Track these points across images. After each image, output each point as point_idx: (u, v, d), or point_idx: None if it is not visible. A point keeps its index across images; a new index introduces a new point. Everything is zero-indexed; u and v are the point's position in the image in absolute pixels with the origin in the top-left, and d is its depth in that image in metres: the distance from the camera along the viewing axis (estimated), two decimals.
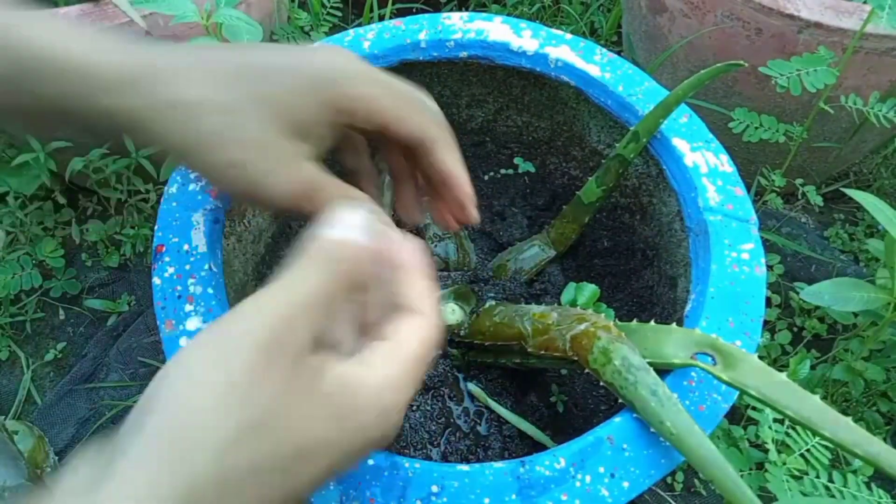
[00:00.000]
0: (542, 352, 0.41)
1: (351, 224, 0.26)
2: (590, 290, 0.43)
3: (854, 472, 0.48)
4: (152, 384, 0.21)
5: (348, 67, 0.30)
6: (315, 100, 0.29)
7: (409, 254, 0.28)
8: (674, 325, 0.38)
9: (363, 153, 0.36)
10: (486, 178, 0.61)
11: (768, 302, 0.76)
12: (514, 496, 0.33)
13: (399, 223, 0.32)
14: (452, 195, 0.34)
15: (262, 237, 0.51)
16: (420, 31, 0.51)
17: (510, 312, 0.46)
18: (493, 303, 0.52)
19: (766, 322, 0.75)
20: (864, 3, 0.63)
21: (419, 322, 0.27)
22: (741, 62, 0.42)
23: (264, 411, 0.21)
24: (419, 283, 0.27)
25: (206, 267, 0.39)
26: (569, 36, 0.52)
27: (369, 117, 0.30)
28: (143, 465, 0.19)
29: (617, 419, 0.36)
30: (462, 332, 0.51)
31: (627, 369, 0.35)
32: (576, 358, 0.39)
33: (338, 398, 0.23)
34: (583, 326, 0.39)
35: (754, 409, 0.51)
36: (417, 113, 0.31)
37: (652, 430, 0.35)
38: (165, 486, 0.19)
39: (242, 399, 0.21)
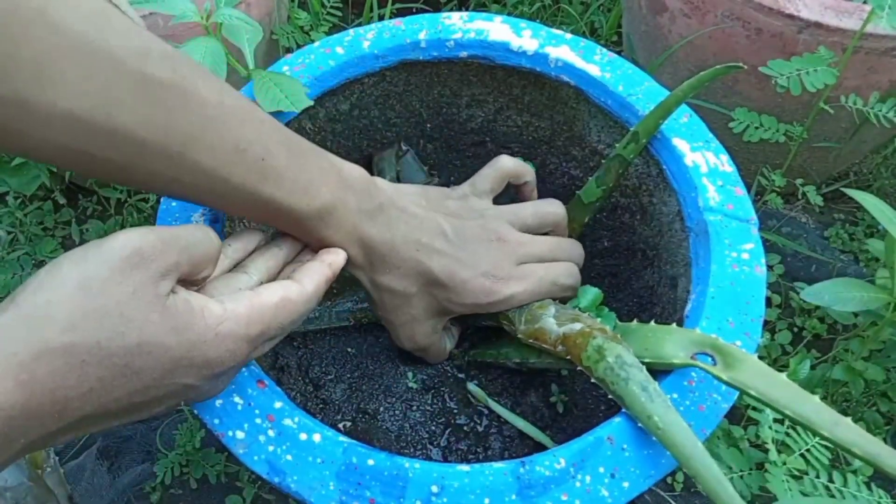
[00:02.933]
0: (531, 341, 0.42)
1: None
2: (592, 293, 0.43)
3: (854, 472, 0.48)
4: (32, 276, 0.26)
5: (496, 301, 0.43)
6: (464, 309, 0.43)
7: (328, 254, 0.38)
8: (674, 325, 0.38)
9: None
10: None
11: (768, 302, 0.76)
12: (514, 496, 0.33)
13: None
14: None
15: None
16: (420, 30, 0.51)
17: None
18: None
19: (766, 322, 0.75)
20: (865, 2, 0.63)
21: (291, 286, 0.33)
22: (740, 64, 0.42)
23: (111, 304, 0.25)
24: (314, 268, 0.36)
25: None
26: (569, 36, 0.52)
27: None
28: (3, 328, 0.24)
29: (617, 419, 0.36)
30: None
31: (620, 366, 0.35)
32: (567, 356, 0.39)
33: (179, 313, 0.27)
34: (578, 326, 0.39)
35: (754, 409, 0.51)
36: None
37: None
38: (19, 346, 0.24)
39: (93, 291, 0.25)
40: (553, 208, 0.48)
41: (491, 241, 0.43)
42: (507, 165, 0.48)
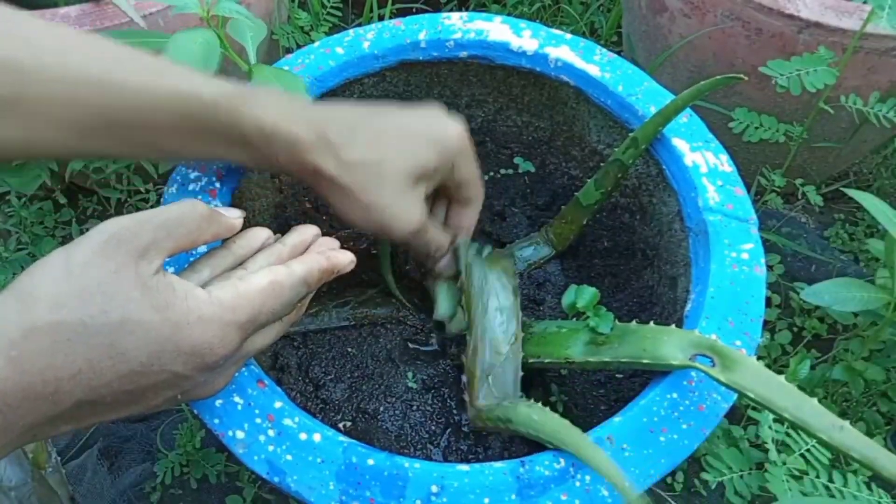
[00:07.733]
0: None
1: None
2: (589, 293, 0.43)
3: (854, 471, 0.48)
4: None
5: (464, 145, 0.41)
6: (438, 158, 0.40)
7: (330, 249, 0.37)
8: (673, 326, 0.38)
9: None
10: (486, 178, 0.61)
11: (768, 302, 0.76)
12: (513, 496, 0.33)
13: None
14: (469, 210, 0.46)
15: None
16: (420, 31, 0.51)
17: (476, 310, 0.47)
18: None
19: (766, 322, 0.75)
20: (865, 2, 0.63)
21: (280, 270, 0.33)
22: (741, 76, 0.42)
23: (93, 284, 0.26)
24: (308, 256, 0.36)
25: None
26: (569, 36, 0.52)
27: (457, 177, 0.43)
28: None
29: (617, 419, 0.36)
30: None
31: (505, 411, 0.39)
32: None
33: (161, 292, 0.28)
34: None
35: (754, 408, 0.51)
36: (477, 181, 0.45)
37: (650, 431, 0.35)
38: (9, 325, 0.25)
39: (76, 273, 0.26)
40: None
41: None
42: None
